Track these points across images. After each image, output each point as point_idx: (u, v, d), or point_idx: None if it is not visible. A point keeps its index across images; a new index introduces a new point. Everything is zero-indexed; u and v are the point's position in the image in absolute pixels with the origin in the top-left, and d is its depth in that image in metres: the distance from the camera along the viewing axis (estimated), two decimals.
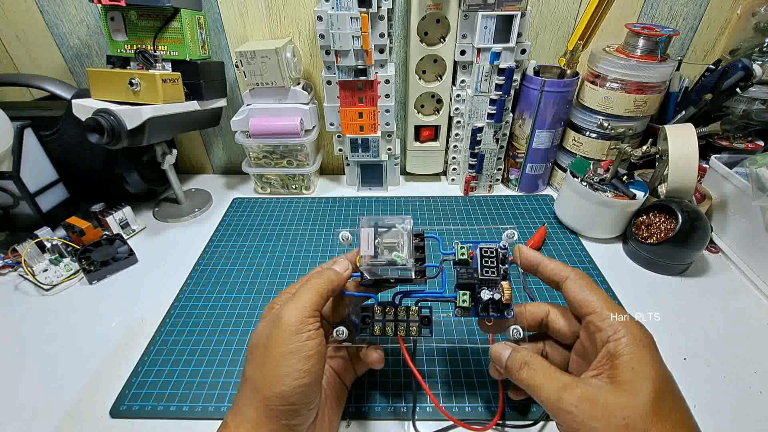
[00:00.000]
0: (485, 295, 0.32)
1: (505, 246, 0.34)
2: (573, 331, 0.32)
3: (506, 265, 0.33)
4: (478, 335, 0.44)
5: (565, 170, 0.63)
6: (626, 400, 0.25)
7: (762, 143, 0.60)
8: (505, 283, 0.32)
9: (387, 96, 0.61)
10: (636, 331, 0.28)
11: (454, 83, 0.63)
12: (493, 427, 0.36)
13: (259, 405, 0.28)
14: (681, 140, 0.52)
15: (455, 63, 0.61)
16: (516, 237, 0.34)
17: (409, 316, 0.33)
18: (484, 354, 0.42)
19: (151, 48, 0.54)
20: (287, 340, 0.28)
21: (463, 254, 0.33)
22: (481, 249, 0.33)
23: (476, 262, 0.33)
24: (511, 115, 0.64)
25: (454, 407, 0.38)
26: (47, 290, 0.51)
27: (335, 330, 0.33)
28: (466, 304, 0.32)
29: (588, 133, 0.61)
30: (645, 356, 0.27)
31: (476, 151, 0.64)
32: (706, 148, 0.60)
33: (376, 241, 0.32)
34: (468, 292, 0.33)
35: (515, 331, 0.32)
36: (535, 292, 0.49)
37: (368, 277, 0.33)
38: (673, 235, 0.50)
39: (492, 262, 0.33)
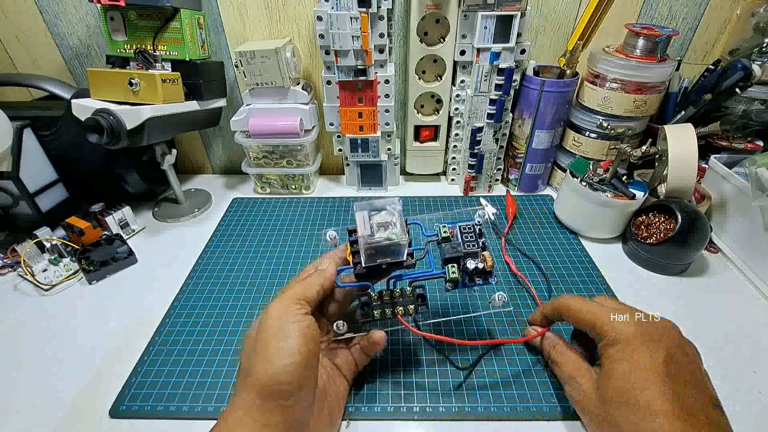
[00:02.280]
0: (471, 264, 0.36)
1: (479, 222, 0.38)
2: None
3: (483, 239, 0.38)
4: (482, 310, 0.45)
5: (564, 170, 0.63)
6: (598, 391, 0.33)
7: (761, 143, 0.60)
8: (486, 253, 0.37)
9: (387, 96, 0.61)
10: (615, 332, 0.33)
11: (453, 83, 0.63)
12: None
13: (252, 389, 0.28)
14: (680, 140, 0.52)
15: (455, 63, 0.61)
16: (487, 216, 0.38)
17: (405, 296, 0.36)
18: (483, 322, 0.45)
19: (151, 48, 0.54)
20: (273, 325, 0.30)
21: (445, 233, 0.37)
22: (460, 227, 0.38)
23: (458, 238, 0.38)
24: (511, 115, 0.64)
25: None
26: (47, 290, 0.51)
27: (335, 324, 0.35)
28: (455, 275, 0.36)
29: (587, 133, 0.61)
30: (615, 354, 0.32)
31: (476, 151, 0.64)
32: (706, 148, 0.60)
33: (371, 222, 0.35)
34: (455, 265, 0.36)
35: (499, 296, 0.37)
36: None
37: (362, 265, 0.35)
38: (673, 235, 0.50)
39: (472, 237, 0.37)
